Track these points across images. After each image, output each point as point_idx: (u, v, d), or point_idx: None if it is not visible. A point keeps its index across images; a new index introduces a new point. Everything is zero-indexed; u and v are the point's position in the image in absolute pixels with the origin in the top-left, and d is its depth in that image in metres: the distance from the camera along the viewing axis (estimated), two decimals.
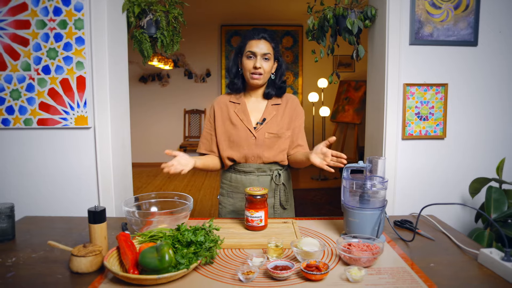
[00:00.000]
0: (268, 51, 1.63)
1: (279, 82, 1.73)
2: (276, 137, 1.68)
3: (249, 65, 1.63)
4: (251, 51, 1.62)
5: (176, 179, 5.92)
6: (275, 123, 1.69)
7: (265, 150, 1.67)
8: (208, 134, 1.77)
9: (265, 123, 1.68)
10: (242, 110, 1.71)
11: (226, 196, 1.78)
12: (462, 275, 1.13)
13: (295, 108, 1.75)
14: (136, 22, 2.25)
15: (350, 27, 2.16)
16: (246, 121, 1.69)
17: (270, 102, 1.73)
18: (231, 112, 1.72)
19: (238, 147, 1.68)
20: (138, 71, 6.70)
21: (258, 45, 1.62)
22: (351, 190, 1.37)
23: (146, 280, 1.02)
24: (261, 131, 1.68)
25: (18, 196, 2.09)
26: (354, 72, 6.64)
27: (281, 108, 1.73)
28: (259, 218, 1.45)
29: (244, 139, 1.67)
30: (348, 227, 1.37)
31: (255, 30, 1.64)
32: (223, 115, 1.73)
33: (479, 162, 2.22)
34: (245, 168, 1.70)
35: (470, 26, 2.09)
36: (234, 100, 1.74)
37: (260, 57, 1.62)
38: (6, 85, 2.01)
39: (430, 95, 2.15)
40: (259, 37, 1.62)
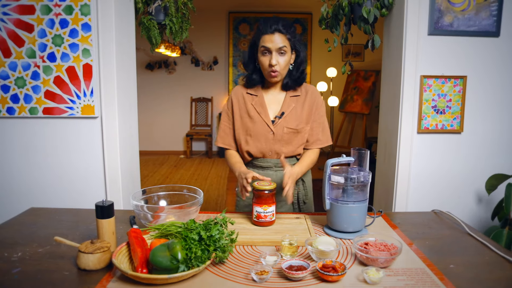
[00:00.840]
0: (283, 44, 1.52)
1: (297, 72, 1.62)
2: (295, 132, 1.61)
3: (265, 62, 1.54)
4: (265, 47, 1.52)
5: (183, 168, 5.89)
6: (294, 116, 1.62)
7: (283, 145, 1.61)
8: (227, 127, 1.70)
9: (283, 117, 1.61)
10: (259, 103, 1.64)
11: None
12: (484, 277, 1.08)
13: (315, 100, 1.67)
14: (144, 8, 2.19)
15: (366, 16, 2.08)
16: (264, 114, 1.62)
17: (288, 94, 1.65)
18: (249, 104, 1.65)
19: (256, 142, 1.62)
20: (144, 58, 6.62)
21: (271, 39, 1.51)
22: (334, 183, 1.35)
23: (156, 280, 0.99)
24: (280, 125, 1.60)
25: (23, 186, 2.06)
26: (363, 62, 6.52)
27: (301, 99, 1.65)
28: (271, 213, 1.41)
29: (261, 134, 1.61)
30: (331, 220, 1.37)
31: (267, 22, 1.53)
32: (240, 108, 1.66)
33: (497, 158, 2.15)
34: (262, 163, 1.65)
35: (493, 15, 2.00)
36: (252, 92, 1.67)
37: (275, 52, 1.52)
38: (11, 73, 1.96)
39: (448, 88, 2.07)
40: (272, 30, 1.51)
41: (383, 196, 2.35)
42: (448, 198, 2.18)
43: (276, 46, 1.51)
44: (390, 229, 1.42)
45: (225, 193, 4.63)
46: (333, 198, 1.36)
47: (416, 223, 1.49)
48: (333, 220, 1.36)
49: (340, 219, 1.34)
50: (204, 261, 1.04)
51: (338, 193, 1.35)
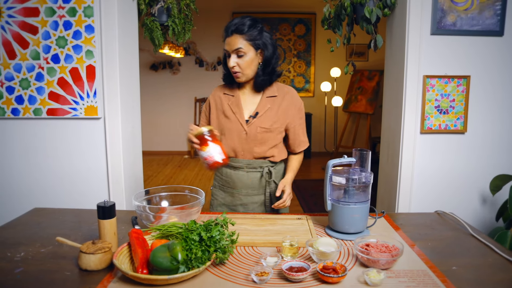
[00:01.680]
0: (239, 45, 1.51)
1: (264, 72, 1.60)
2: (268, 131, 1.60)
3: (228, 64, 1.57)
4: (225, 49, 1.56)
5: (187, 168, 5.91)
6: (269, 117, 1.61)
7: (256, 145, 1.61)
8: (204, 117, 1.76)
9: (258, 117, 1.61)
10: (236, 103, 1.64)
11: (218, 189, 1.75)
12: (487, 279, 1.07)
13: (293, 102, 1.66)
14: (147, 10, 2.20)
15: (368, 16, 2.07)
16: (238, 114, 1.62)
17: (265, 95, 1.64)
18: (225, 104, 1.66)
19: (229, 140, 1.63)
20: (149, 59, 6.65)
21: (229, 42, 1.53)
22: (335, 184, 1.35)
23: (156, 280, 0.99)
24: (253, 125, 1.60)
25: (27, 187, 2.08)
26: (367, 62, 6.50)
27: (277, 100, 1.64)
28: (214, 153, 1.41)
29: (235, 133, 1.62)
30: (333, 221, 1.37)
31: (227, 25, 1.54)
32: (217, 108, 1.68)
33: (501, 158, 2.13)
34: (234, 163, 1.65)
35: (496, 14, 1.99)
36: (229, 92, 1.68)
37: (233, 54, 1.53)
38: (16, 74, 1.98)
39: (451, 88, 2.06)
40: (229, 33, 1.52)
41: (386, 196, 2.34)
42: (452, 198, 2.16)
43: (232, 48, 1.52)
44: (392, 230, 1.42)
45: None
46: (335, 199, 1.35)
47: (418, 224, 1.49)
48: (335, 221, 1.36)
49: (341, 220, 1.34)
50: (204, 262, 1.04)
51: (339, 194, 1.35)
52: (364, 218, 1.35)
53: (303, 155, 1.79)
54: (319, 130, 6.72)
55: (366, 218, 1.36)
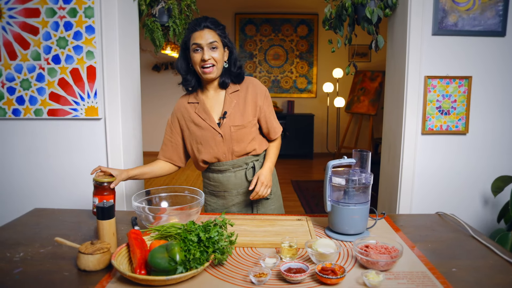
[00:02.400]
0: (214, 39, 1.52)
1: (235, 69, 1.60)
2: (241, 128, 1.59)
3: (197, 59, 1.52)
4: (196, 43, 1.51)
5: (189, 169, 5.91)
6: (238, 112, 1.60)
7: (234, 144, 1.60)
8: (168, 140, 1.69)
9: (227, 116, 1.59)
10: (202, 109, 1.61)
11: (209, 194, 1.73)
12: (488, 282, 1.06)
13: (258, 91, 1.64)
14: (147, 10, 2.20)
15: (370, 16, 2.07)
16: (208, 120, 1.59)
17: (228, 91, 1.62)
18: (192, 113, 1.62)
19: (207, 148, 1.60)
20: (151, 60, 6.67)
21: (202, 35, 1.51)
22: (335, 185, 1.34)
23: (154, 281, 0.99)
24: (225, 125, 1.58)
25: (28, 187, 2.09)
26: (370, 62, 6.48)
27: (242, 94, 1.62)
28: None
29: (210, 139, 1.59)
30: (332, 222, 1.36)
31: (196, 21, 1.54)
32: (186, 119, 1.64)
33: (503, 159, 2.12)
34: (219, 167, 1.63)
35: (498, 15, 1.98)
36: (192, 100, 1.64)
37: (206, 48, 1.51)
38: (17, 75, 1.99)
39: (453, 88, 2.05)
40: (201, 27, 1.51)
41: (387, 197, 2.33)
42: (453, 200, 2.15)
43: (207, 41, 1.51)
44: (392, 232, 1.41)
45: None
46: (334, 200, 1.35)
47: (419, 225, 1.48)
48: (334, 222, 1.35)
49: (341, 221, 1.33)
50: (202, 263, 1.04)
51: (339, 195, 1.34)
52: (364, 219, 1.34)
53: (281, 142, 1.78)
54: (321, 131, 6.71)
55: (366, 219, 1.35)
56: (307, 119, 6.28)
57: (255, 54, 6.72)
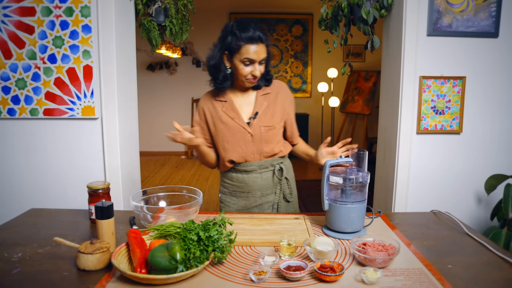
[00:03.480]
0: (265, 55, 1.51)
1: (267, 73, 1.61)
2: (271, 129, 1.60)
3: (245, 72, 1.50)
4: (249, 58, 1.47)
5: (184, 168, 5.90)
6: (268, 114, 1.60)
7: (263, 145, 1.60)
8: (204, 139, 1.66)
9: (258, 117, 1.59)
10: (230, 108, 1.60)
11: (229, 195, 1.71)
12: (482, 278, 1.08)
13: (286, 96, 1.66)
14: (144, 10, 2.20)
15: (365, 17, 2.09)
16: (237, 118, 1.59)
17: (259, 93, 1.63)
18: (220, 111, 1.60)
19: (235, 147, 1.59)
20: (146, 59, 6.64)
21: (257, 52, 1.47)
22: (332, 184, 1.35)
23: (155, 280, 0.99)
24: (256, 125, 1.58)
25: (23, 187, 2.07)
26: (364, 62, 6.53)
27: (272, 97, 1.63)
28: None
29: (239, 138, 1.58)
30: (330, 220, 1.37)
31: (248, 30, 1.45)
32: (213, 117, 1.62)
33: (496, 158, 2.15)
34: (246, 168, 1.63)
35: (491, 16, 2.01)
36: (220, 98, 1.62)
37: (257, 63, 1.50)
38: (12, 74, 1.97)
39: (447, 89, 2.07)
40: (257, 41, 1.46)
41: (382, 196, 2.35)
42: (448, 198, 2.18)
43: (260, 58, 1.49)
44: (389, 230, 1.43)
45: None
46: (332, 198, 1.36)
47: (415, 223, 1.50)
48: (332, 221, 1.36)
49: (338, 220, 1.35)
50: (202, 262, 1.05)
51: (336, 193, 1.36)
52: (361, 217, 1.36)
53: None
54: (316, 131, 6.73)
55: (363, 218, 1.37)
56: (302, 118, 6.29)
57: None
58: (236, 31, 1.47)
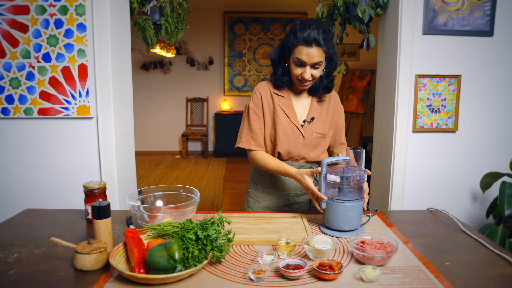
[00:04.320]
0: (320, 59, 1.42)
1: (327, 80, 1.55)
2: (322, 137, 1.59)
3: (296, 72, 1.47)
4: (299, 59, 1.43)
5: (178, 168, 5.88)
6: (321, 121, 1.59)
7: (311, 150, 1.59)
8: (258, 129, 1.57)
9: (312, 122, 1.57)
10: (287, 105, 1.56)
11: (261, 192, 1.68)
12: (479, 275, 1.09)
13: (337, 106, 1.65)
14: (139, 8, 2.18)
15: (361, 15, 2.09)
16: (293, 117, 1.56)
17: (314, 99, 1.60)
18: (276, 105, 1.56)
19: (284, 144, 1.56)
20: (140, 59, 6.61)
21: (308, 53, 1.40)
22: (330, 182, 1.35)
23: (154, 280, 0.99)
24: (309, 130, 1.57)
25: (19, 188, 2.05)
26: (358, 61, 6.55)
27: (325, 105, 1.61)
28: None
29: (291, 137, 1.56)
30: (327, 219, 1.38)
31: (305, 30, 1.39)
32: (269, 107, 1.57)
33: (491, 156, 2.17)
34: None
35: (486, 15, 2.02)
36: (278, 92, 1.58)
37: (309, 66, 1.44)
38: (5, 73, 1.95)
39: (443, 87, 2.09)
40: (310, 42, 1.39)
41: (378, 194, 2.36)
42: (444, 196, 2.19)
43: (312, 61, 1.42)
44: (386, 228, 1.43)
45: (221, 192, 4.63)
46: (329, 197, 1.36)
47: (411, 221, 1.50)
48: (329, 219, 1.37)
49: (336, 218, 1.35)
50: (201, 261, 1.04)
51: (334, 192, 1.36)
52: (358, 215, 1.36)
53: None
54: None
55: (360, 216, 1.37)
56: None
57: (244, 53, 6.72)
58: (296, 30, 1.43)
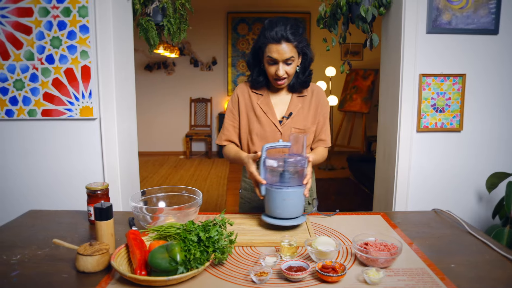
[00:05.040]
0: (290, 54, 1.44)
1: (303, 75, 1.56)
2: (302, 132, 1.57)
3: (271, 71, 1.49)
4: (271, 57, 1.45)
5: (182, 168, 5.89)
6: (302, 116, 1.58)
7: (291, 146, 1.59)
8: (230, 126, 1.63)
9: (291, 118, 1.57)
10: (265, 102, 1.58)
11: (250, 191, 1.68)
12: (485, 277, 1.07)
13: (321, 100, 1.63)
14: (142, 9, 2.18)
15: (364, 15, 2.08)
16: (270, 114, 1.57)
17: (295, 94, 1.61)
18: (254, 103, 1.59)
19: (262, 141, 1.57)
20: (143, 59, 6.62)
21: (278, 50, 1.42)
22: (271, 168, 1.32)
23: (155, 282, 0.98)
24: (287, 126, 1.56)
25: (22, 189, 2.06)
26: (362, 61, 6.52)
27: (307, 100, 1.61)
28: None
29: (269, 134, 1.56)
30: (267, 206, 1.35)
31: (273, 28, 1.42)
32: (246, 106, 1.61)
33: (497, 156, 2.14)
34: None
35: (491, 13, 2.00)
36: (257, 91, 1.61)
37: (282, 63, 1.46)
38: (9, 75, 1.96)
39: (447, 86, 2.07)
40: (278, 39, 1.41)
41: (383, 195, 2.34)
42: (449, 197, 2.17)
43: (283, 57, 1.44)
44: (390, 229, 1.42)
45: (225, 193, 4.63)
46: (269, 183, 1.33)
47: (416, 222, 1.49)
48: (268, 206, 1.34)
49: (274, 205, 1.31)
50: (203, 263, 1.03)
51: (275, 178, 1.33)
52: (298, 203, 1.32)
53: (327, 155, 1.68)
54: None
55: (301, 204, 1.33)
56: None
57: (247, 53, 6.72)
58: (265, 29, 1.45)
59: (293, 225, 1.33)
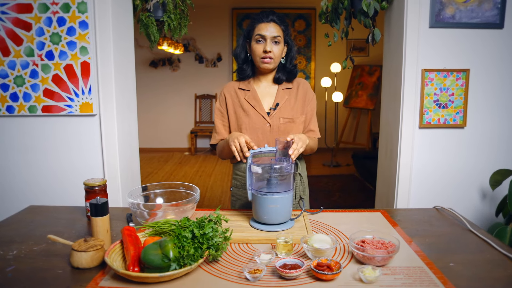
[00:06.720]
0: (278, 34, 1.56)
1: (289, 66, 1.65)
2: (291, 122, 1.61)
3: (259, 50, 1.57)
4: (260, 34, 1.55)
5: (187, 165, 5.90)
6: (289, 107, 1.63)
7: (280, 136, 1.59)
8: (221, 125, 1.69)
9: (278, 108, 1.61)
10: (252, 97, 1.64)
11: (241, 188, 1.69)
12: (484, 276, 1.05)
13: (307, 92, 1.68)
14: (142, 5, 2.18)
15: (366, 9, 2.05)
16: (258, 107, 1.62)
17: (281, 87, 1.66)
18: (242, 99, 1.64)
19: (252, 135, 1.60)
20: (148, 56, 6.63)
21: (267, 28, 1.55)
22: (257, 174, 1.32)
23: (147, 278, 0.98)
24: (275, 116, 1.61)
25: (22, 185, 2.07)
26: (368, 57, 6.46)
27: (293, 92, 1.67)
28: None
29: (258, 127, 1.60)
30: (254, 212, 1.34)
31: (263, 13, 1.58)
32: (234, 103, 1.66)
33: (501, 153, 2.11)
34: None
35: (496, 7, 1.96)
36: (243, 86, 1.67)
37: (270, 40, 1.55)
38: (10, 71, 1.97)
39: (450, 82, 2.03)
40: (268, 20, 1.56)
41: (384, 191, 2.32)
42: (451, 194, 2.14)
43: (271, 34, 1.55)
44: (389, 227, 1.40)
45: (229, 190, 4.62)
46: (256, 189, 1.33)
47: (417, 220, 1.47)
48: (255, 212, 1.33)
49: (261, 211, 1.31)
50: (196, 260, 1.03)
51: (262, 184, 1.33)
52: (286, 208, 1.31)
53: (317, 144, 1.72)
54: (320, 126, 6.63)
55: (289, 209, 1.33)
56: None
57: None
58: (254, 17, 1.60)
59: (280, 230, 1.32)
